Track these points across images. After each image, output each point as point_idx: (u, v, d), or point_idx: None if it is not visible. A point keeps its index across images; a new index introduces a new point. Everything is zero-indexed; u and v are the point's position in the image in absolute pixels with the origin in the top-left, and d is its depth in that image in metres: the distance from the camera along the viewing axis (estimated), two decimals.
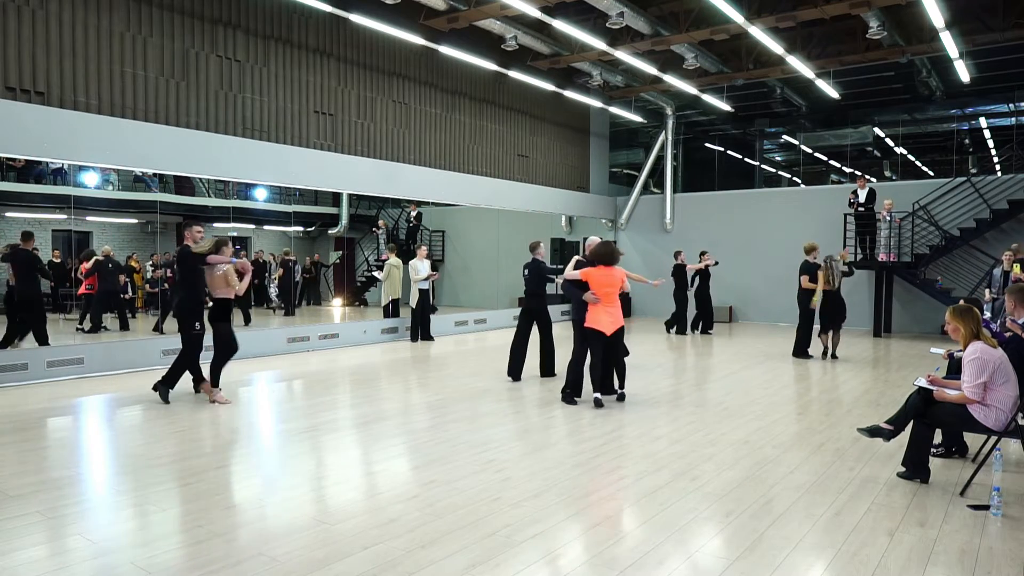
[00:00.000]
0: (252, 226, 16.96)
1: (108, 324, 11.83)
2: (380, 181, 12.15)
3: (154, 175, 12.66)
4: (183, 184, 13.63)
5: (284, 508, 4.19)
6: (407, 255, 14.27)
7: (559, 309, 15.66)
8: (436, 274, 13.10)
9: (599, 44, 12.33)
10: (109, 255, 11.83)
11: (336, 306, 17.90)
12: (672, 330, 13.99)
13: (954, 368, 5.40)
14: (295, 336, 11.37)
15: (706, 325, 14.18)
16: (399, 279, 13.35)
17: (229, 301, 7.26)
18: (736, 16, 10.80)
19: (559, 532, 3.82)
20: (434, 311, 16.23)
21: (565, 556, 3.53)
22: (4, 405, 7.02)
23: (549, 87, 14.84)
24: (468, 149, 14.04)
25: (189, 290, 7.20)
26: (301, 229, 17.86)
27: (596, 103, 16.44)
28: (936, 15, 10.63)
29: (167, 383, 7.15)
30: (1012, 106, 16.06)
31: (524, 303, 8.83)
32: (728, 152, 19.71)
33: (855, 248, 14.08)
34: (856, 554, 3.54)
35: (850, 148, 18.32)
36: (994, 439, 4.63)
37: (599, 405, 6.94)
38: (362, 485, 4.75)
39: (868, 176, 16.79)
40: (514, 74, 13.85)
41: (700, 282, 14.00)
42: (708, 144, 19.47)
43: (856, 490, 4.53)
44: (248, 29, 10.15)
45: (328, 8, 10.33)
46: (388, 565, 3.38)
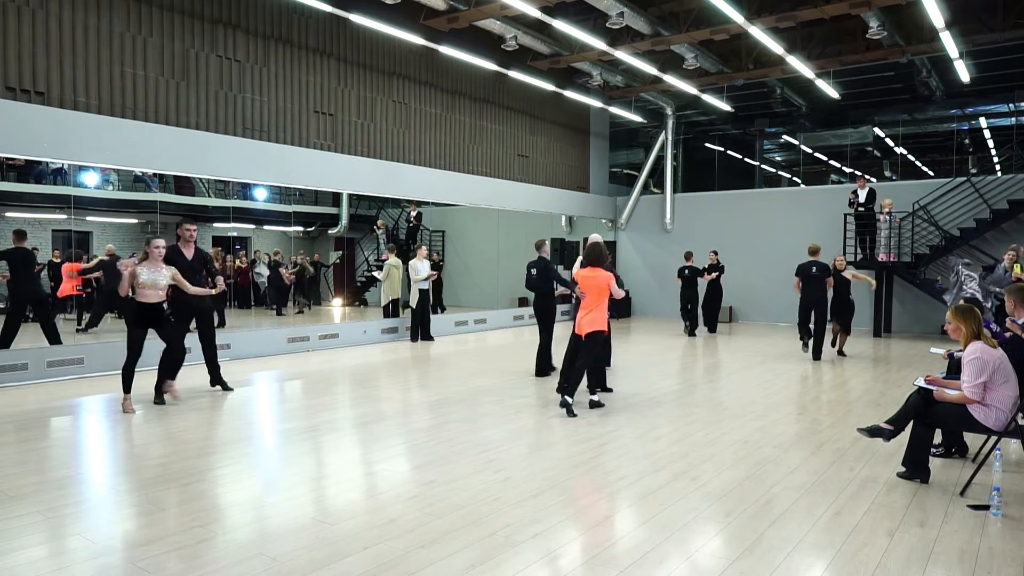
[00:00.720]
0: (252, 226, 16.96)
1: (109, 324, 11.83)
2: (380, 181, 12.15)
3: (154, 175, 12.65)
4: (183, 184, 13.62)
5: (284, 508, 4.19)
6: (407, 255, 14.27)
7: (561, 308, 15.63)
8: (435, 274, 13.10)
9: (599, 44, 12.33)
10: (112, 254, 11.81)
11: (336, 306, 17.91)
12: (693, 331, 14.02)
13: (954, 368, 5.40)
14: (295, 336, 11.38)
15: (711, 324, 14.43)
16: (399, 279, 13.35)
17: (149, 305, 6.86)
18: (736, 16, 10.80)
19: (559, 532, 3.82)
20: (443, 310, 16.27)
21: (565, 556, 3.53)
22: (4, 405, 7.02)
23: (549, 87, 14.84)
24: (468, 149, 14.04)
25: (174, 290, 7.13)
26: (301, 229, 17.86)
27: (596, 103, 16.44)
28: (936, 15, 10.63)
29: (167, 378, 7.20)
30: (1012, 106, 16.06)
31: (537, 300, 8.80)
32: (728, 152, 19.71)
33: (855, 248, 14.09)
34: (856, 554, 3.54)
35: (850, 148, 18.32)
36: (994, 439, 4.63)
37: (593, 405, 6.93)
38: (362, 485, 4.75)
39: (868, 176, 16.80)
40: (514, 74, 13.85)
41: (713, 280, 14.30)
42: (708, 144, 19.47)
43: (856, 490, 4.53)
44: (248, 29, 10.15)
45: (328, 8, 10.34)
46: (388, 565, 3.38)
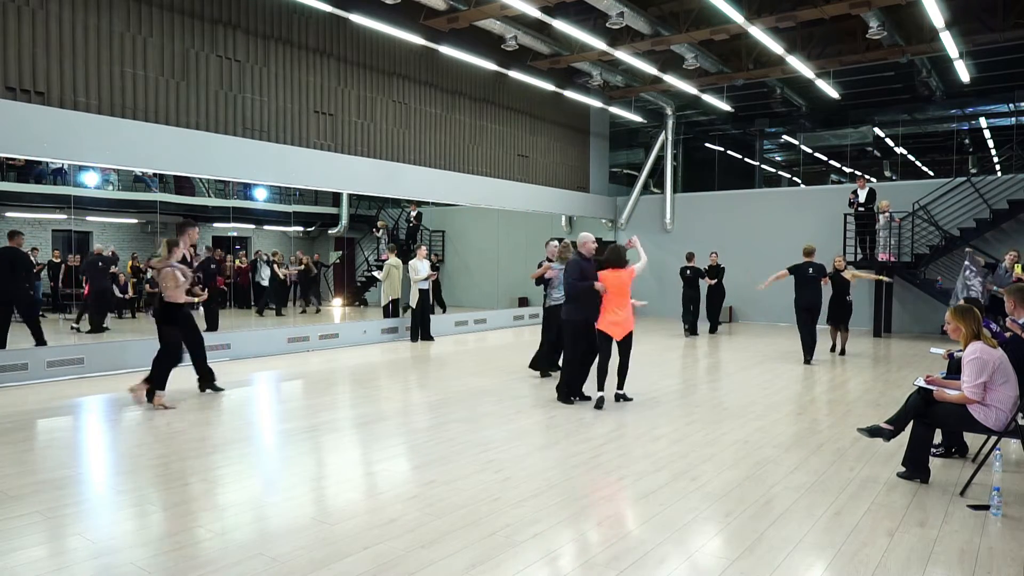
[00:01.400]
0: (252, 226, 16.96)
1: (108, 324, 11.83)
2: (380, 181, 12.15)
3: (154, 175, 12.66)
4: (183, 184, 13.62)
5: (284, 508, 4.19)
6: (407, 255, 14.27)
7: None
8: (435, 274, 13.10)
9: (599, 44, 12.33)
10: (100, 253, 11.76)
11: (336, 306, 17.91)
12: (693, 331, 14.01)
13: (954, 368, 5.40)
14: (295, 336, 11.38)
15: (712, 325, 14.45)
16: (399, 279, 13.36)
17: (177, 305, 7.04)
18: (736, 16, 10.80)
19: (559, 532, 3.82)
20: (444, 309, 16.26)
21: (565, 556, 3.53)
22: (4, 405, 7.02)
23: (549, 87, 14.84)
24: (468, 149, 14.04)
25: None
26: (301, 229, 17.86)
27: (596, 103, 16.44)
28: (936, 15, 10.63)
29: (208, 379, 7.30)
30: (1012, 106, 16.07)
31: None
32: (728, 152, 19.72)
33: (855, 248, 14.09)
34: (856, 554, 3.54)
35: (850, 148, 18.32)
36: (994, 439, 4.63)
37: (599, 406, 6.95)
38: (362, 485, 4.75)
39: (868, 176, 16.80)
40: (514, 74, 13.85)
41: (716, 281, 14.36)
42: (708, 144, 19.47)
43: (856, 490, 4.53)
44: (248, 29, 10.15)
45: (328, 8, 10.34)
46: (388, 565, 3.38)
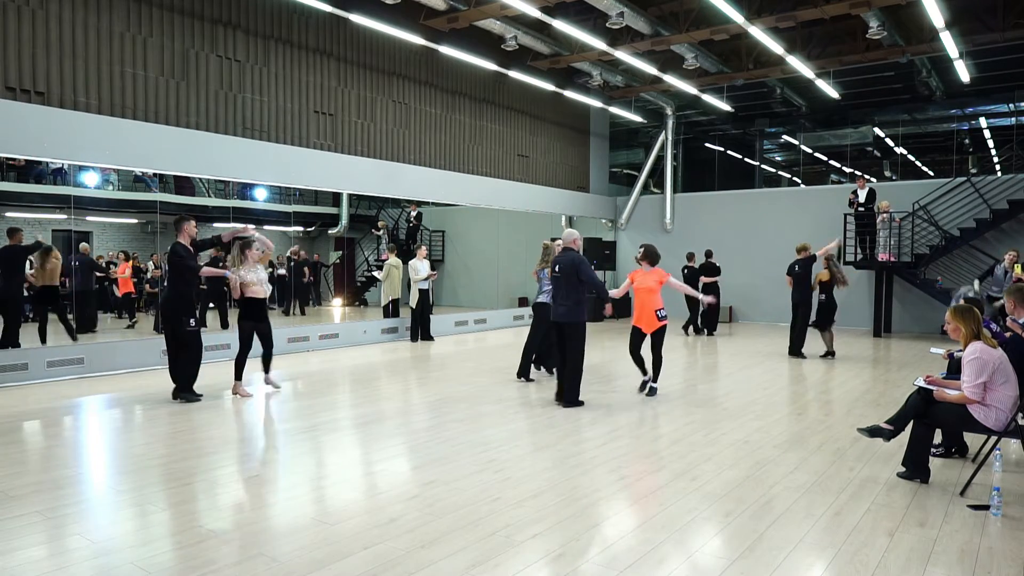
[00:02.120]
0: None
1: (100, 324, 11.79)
2: (380, 181, 12.15)
3: (154, 175, 12.65)
4: (183, 184, 13.61)
5: (284, 508, 4.19)
6: (407, 255, 14.26)
7: None
8: (435, 274, 13.10)
9: (599, 44, 12.33)
10: (86, 253, 11.66)
11: (336, 306, 17.91)
12: (690, 332, 13.99)
13: (954, 368, 5.40)
14: (295, 336, 11.38)
15: (711, 326, 14.27)
16: (399, 279, 13.35)
17: (257, 300, 7.48)
18: (736, 16, 10.80)
19: (559, 532, 3.82)
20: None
21: (565, 556, 3.53)
22: (4, 405, 7.02)
23: (549, 87, 14.84)
24: (468, 149, 14.04)
25: (180, 287, 7.18)
26: (301, 229, 17.86)
27: (596, 103, 16.44)
28: (936, 15, 10.63)
29: (182, 388, 7.20)
30: (1012, 106, 16.07)
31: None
32: (728, 152, 19.71)
33: (855, 248, 14.09)
34: (856, 554, 3.54)
35: (850, 148, 18.32)
36: (994, 439, 4.63)
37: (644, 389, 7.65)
38: (362, 485, 4.75)
39: (868, 176, 16.80)
40: (514, 74, 13.85)
41: (711, 283, 14.11)
42: (708, 144, 19.47)
43: (856, 490, 4.53)
44: (248, 29, 10.15)
45: (328, 8, 10.34)
46: (388, 565, 3.38)
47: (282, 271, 15.69)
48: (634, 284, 7.73)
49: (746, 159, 19.72)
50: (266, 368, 7.81)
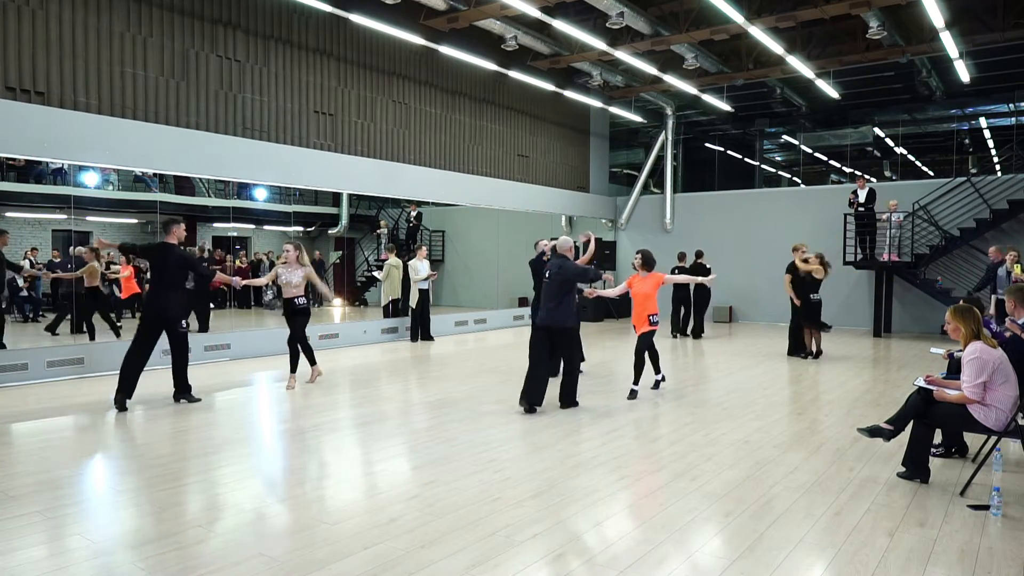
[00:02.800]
0: (252, 226, 16.96)
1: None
2: (380, 181, 12.15)
3: (154, 175, 12.65)
4: (183, 184, 13.62)
5: (284, 508, 4.19)
6: (407, 255, 14.26)
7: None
8: (435, 274, 13.10)
9: (599, 44, 12.33)
10: (79, 255, 11.55)
11: (336, 306, 17.91)
12: (680, 331, 13.88)
13: (954, 368, 5.40)
14: None
15: (696, 329, 13.82)
16: (399, 279, 13.35)
17: (287, 300, 7.93)
18: (736, 16, 10.80)
19: (559, 532, 3.82)
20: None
21: (565, 556, 3.53)
22: (4, 405, 7.02)
23: (549, 87, 14.84)
24: (468, 149, 14.04)
25: (173, 290, 7.08)
26: (301, 229, 17.86)
27: (596, 103, 16.44)
28: (936, 15, 10.63)
29: (183, 390, 7.19)
30: (1012, 106, 16.07)
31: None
32: (728, 152, 19.71)
33: (855, 248, 14.09)
34: (856, 554, 3.54)
35: (850, 148, 18.32)
36: (994, 439, 4.63)
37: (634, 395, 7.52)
38: (362, 485, 4.75)
39: (868, 176, 16.80)
40: (514, 74, 13.85)
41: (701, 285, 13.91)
42: (708, 144, 19.47)
43: (856, 490, 4.53)
44: (248, 29, 10.14)
45: (328, 8, 10.34)
46: (388, 565, 3.38)
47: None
48: (632, 290, 7.76)
49: (746, 159, 19.72)
50: (295, 366, 8.13)
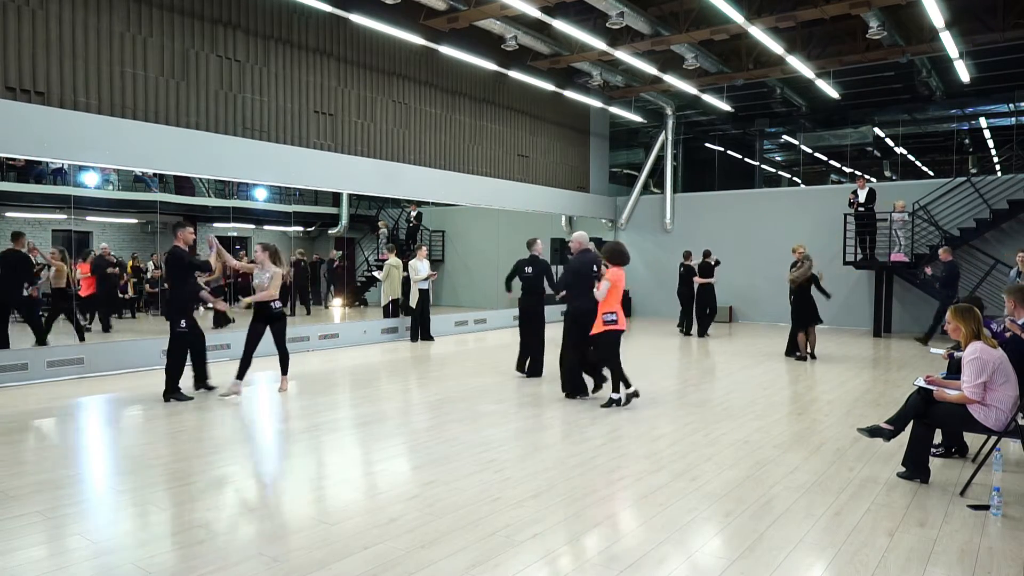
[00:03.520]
0: (252, 226, 16.94)
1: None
2: (380, 181, 12.14)
3: (154, 175, 12.65)
4: (183, 184, 13.61)
5: (284, 508, 4.19)
6: (407, 255, 14.26)
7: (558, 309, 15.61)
8: (435, 274, 13.10)
9: (599, 44, 12.33)
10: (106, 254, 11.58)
11: (336, 306, 17.91)
12: (681, 330, 13.95)
13: (954, 368, 5.40)
14: (295, 336, 11.35)
15: (701, 328, 13.94)
16: (399, 279, 13.35)
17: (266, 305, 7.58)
18: (736, 16, 10.80)
19: (559, 532, 3.82)
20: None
21: (565, 556, 3.53)
22: (4, 405, 7.02)
23: (549, 87, 14.83)
24: (468, 149, 14.03)
25: (173, 289, 7.35)
26: (301, 229, 17.86)
27: (596, 103, 16.43)
28: (936, 15, 10.63)
29: (172, 390, 7.23)
30: (1012, 106, 16.07)
31: (527, 303, 8.82)
32: (728, 152, 19.71)
33: (855, 248, 14.08)
34: (856, 554, 3.54)
35: (850, 148, 18.32)
36: (994, 439, 4.63)
37: (630, 399, 7.09)
38: (362, 485, 4.75)
39: (868, 176, 16.80)
40: (514, 74, 13.85)
41: (705, 283, 13.97)
42: (708, 144, 19.47)
43: (856, 490, 4.53)
44: (248, 29, 10.14)
45: (328, 8, 10.34)
46: (388, 565, 3.38)
47: None
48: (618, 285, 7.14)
49: (746, 159, 19.72)
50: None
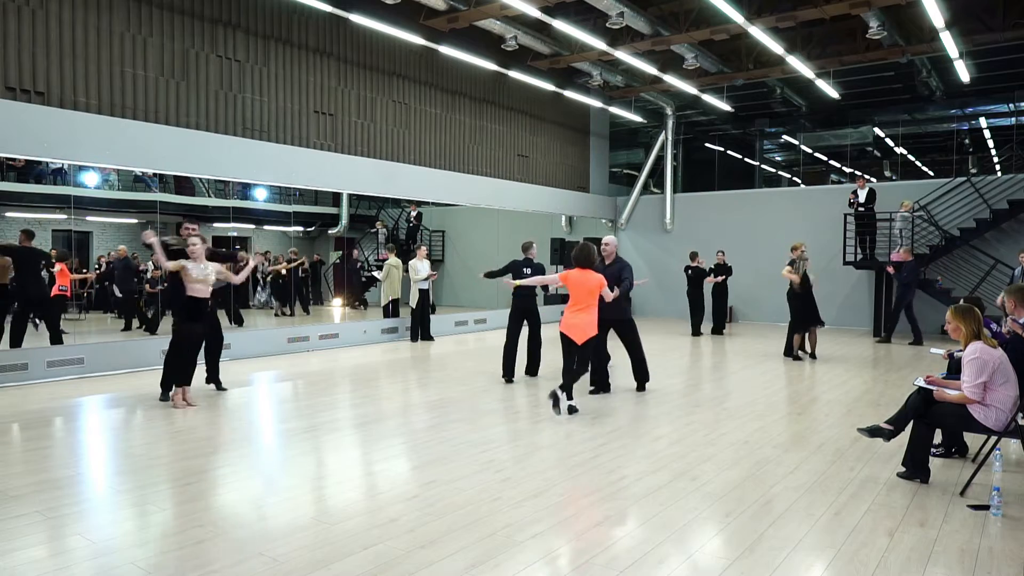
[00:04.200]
0: (252, 226, 16.96)
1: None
2: (380, 181, 12.15)
3: (154, 175, 12.65)
4: (183, 184, 13.62)
5: (284, 508, 4.19)
6: (407, 255, 14.26)
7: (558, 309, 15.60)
8: (435, 274, 13.10)
9: (599, 44, 12.33)
10: (123, 255, 11.53)
11: (336, 306, 17.91)
12: (697, 330, 13.93)
13: (954, 368, 5.40)
14: (295, 336, 11.37)
15: (717, 326, 14.27)
16: (399, 279, 13.35)
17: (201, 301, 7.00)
18: (736, 16, 10.80)
19: (559, 532, 3.82)
20: (433, 311, 16.23)
21: (565, 556, 3.53)
22: (4, 405, 7.02)
23: (549, 87, 14.83)
24: (468, 149, 14.04)
25: (171, 288, 7.36)
26: (301, 229, 17.86)
27: (596, 103, 16.44)
28: (936, 15, 10.63)
29: (166, 388, 7.23)
30: (1012, 106, 16.06)
31: (520, 303, 8.80)
32: (728, 152, 19.70)
33: (855, 248, 14.08)
34: (856, 554, 3.54)
35: (850, 148, 18.32)
36: (994, 439, 4.63)
37: (571, 411, 6.60)
38: (362, 485, 4.75)
39: (868, 176, 16.79)
40: (514, 74, 13.85)
41: (722, 279, 14.18)
42: (708, 144, 19.46)
43: (856, 490, 4.53)
44: (248, 29, 10.15)
45: (328, 8, 10.33)
46: (388, 565, 3.38)
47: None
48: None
49: (746, 159, 19.71)
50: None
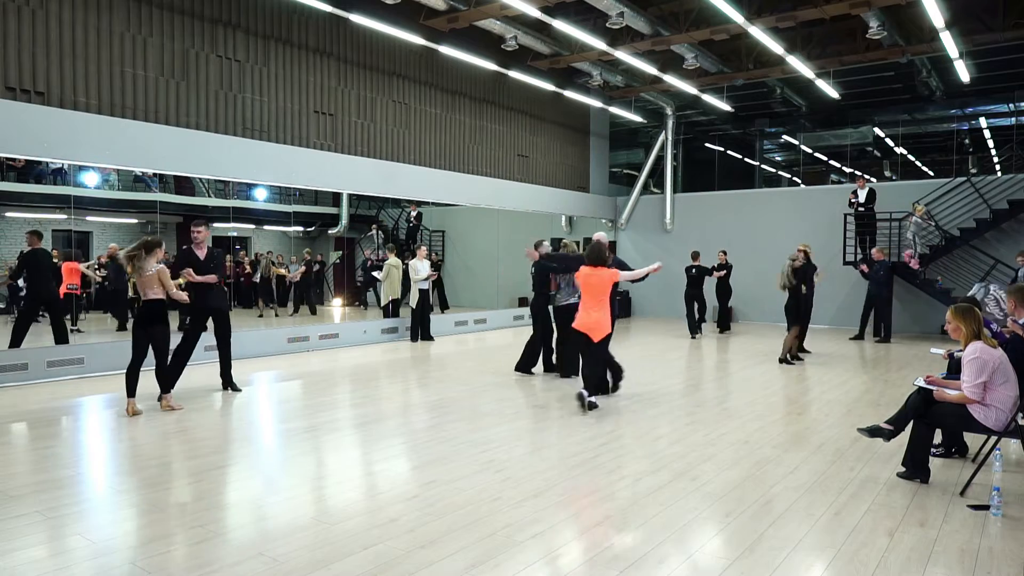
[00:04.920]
0: (252, 226, 16.96)
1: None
2: (380, 181, 12.15)
3: (154, 175, 12.65)
4: (183, 184, 13.61)
5: (284, 508, 4.19)
6: (407, 255, 14.27)
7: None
8: (435, 274, 13.10)
9: (599, 44, 12.32)
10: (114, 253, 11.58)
11: (336, 306, 17.91)
12: (696, 331, 13.91)
13: (954, 368, 5.40)
14: (295, 336, 11.37)
15: (723, 324, 14.50)
16: (399, 279, 13.35)
17: (160, 302, 6.67)
18: (736, 16, 10.80)
19: (559, 532, 3.82)
20: (445, 308, 16.29)
21: (565, 556, 3.53)
22: (4, 405, 7.02)
23: (549, 87, 14.83)
24: (468, 149, 14.04)
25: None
26: (301, 229, 17.85)
27: (596, 103, 16.43)
28: (936, 15, 10.63)
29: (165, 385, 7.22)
30: (1012, 106, 16.07)
31: (545, 301, 8.88)
32: (728, 152, 19.71)
33: (855, 248, 14.08)
34: (856, 554, 3.54)
35: (850, 148, 18.32)
36: (994, 439, 4.63)
37: (591, 407, 6.70)
38: (362, 485, 4.75)
39: (868, 176, 16.80)
40: (514, 74, 13.84)
41: (722, 280, 14.34)
42: (708, 144, 19.46)
43: (856, 490, 4.53)
44: (248, 29, 10.14)
45: (328, 8, 10.33)
46: (388, 565, 3.38)
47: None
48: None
49: (746, 159, 19.71)
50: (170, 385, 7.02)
